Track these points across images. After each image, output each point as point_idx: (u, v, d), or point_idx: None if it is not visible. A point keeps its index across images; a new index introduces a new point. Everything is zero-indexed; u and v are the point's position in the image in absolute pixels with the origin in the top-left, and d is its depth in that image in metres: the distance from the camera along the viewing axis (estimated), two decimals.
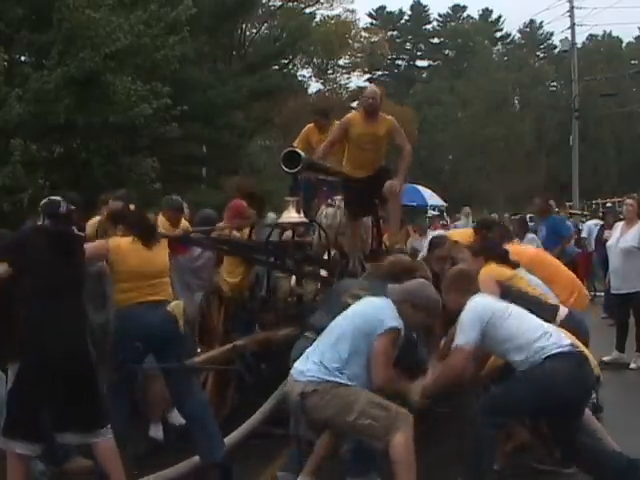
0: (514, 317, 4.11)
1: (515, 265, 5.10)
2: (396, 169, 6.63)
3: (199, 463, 4.49)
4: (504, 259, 5.09)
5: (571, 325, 4.70)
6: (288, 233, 6.34)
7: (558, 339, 4.03)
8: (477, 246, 5.42)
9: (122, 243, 4.67)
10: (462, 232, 7.02)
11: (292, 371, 4.12)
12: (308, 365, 4.03)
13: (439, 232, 9.21)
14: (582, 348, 4.38)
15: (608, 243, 8.25)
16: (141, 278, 4.58)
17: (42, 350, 3.90)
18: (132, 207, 5.71)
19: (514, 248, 5.52)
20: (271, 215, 7.80)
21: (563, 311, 4.90)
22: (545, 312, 4.55)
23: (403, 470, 3.81)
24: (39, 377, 3.92)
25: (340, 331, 4.08)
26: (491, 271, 4.94)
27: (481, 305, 4.16)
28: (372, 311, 4.10)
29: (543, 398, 3.95)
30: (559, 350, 3.95)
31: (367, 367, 4.00)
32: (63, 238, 4.15)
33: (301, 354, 4.21)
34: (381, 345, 3.97)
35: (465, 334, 4.04)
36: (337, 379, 3.95)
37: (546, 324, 4.17)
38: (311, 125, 7.75)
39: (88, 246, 4.44)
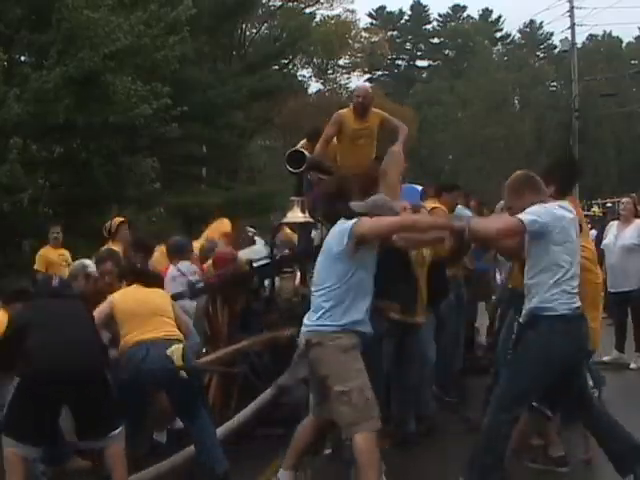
0: (566, 251, 3.98)
1: None
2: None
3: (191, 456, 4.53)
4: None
5: None
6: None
7: (570, 299, 3.97)
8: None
9: (121, 292, 4.80)
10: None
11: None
12: (312, 315, 4.07)
13: None
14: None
15: (605, 242, 8.14)
16: (138, 317, 4.59)
17: (49, 363, 3.92)
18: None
19: None
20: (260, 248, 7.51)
21: None
22: None
23: (364, 467, 3.84)
24: (43, 389, 3.92)
25: (321, 270, 4.11)
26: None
27: (560, 213, 4.02)
28: (332, 235, 4.10)
29: (545, 371, 3.94)
30: (561, 313, 3.91)
31: (362, 277, 4.01)
32: (56, 301, 4.32)
33: None
34: (367, 224, 3.98)
35: (530, 216, 3.92)
36: (341, 327, 3.94)
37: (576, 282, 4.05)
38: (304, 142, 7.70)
39: (95, 312, 4.53)
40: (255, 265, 5.96)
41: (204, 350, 5.26)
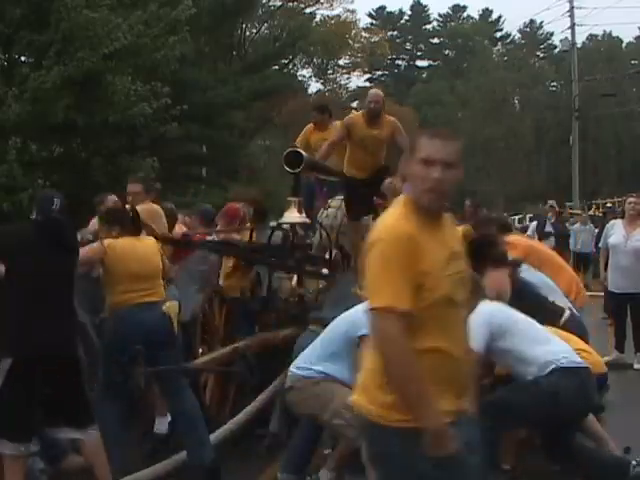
0: (521, 330, 3.99)
1: (516, 264, 4.87)
2: (396, 168, 6.62)
3: (182, 462, 4.47)
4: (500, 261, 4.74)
5: (573, 326, 4.70)
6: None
7: (563, 354, 3.92)
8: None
9: (118, 244, 4.66)
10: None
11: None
12: (298, 362, 4.09)
13: None
14: (586, 349, 4.40)
15: (612, 242, 8.04)
16: (138, 279, 4.57)
17: (31, 346, 3.88)
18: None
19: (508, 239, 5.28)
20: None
21: (566, 314, 4.88)
22: (549, 313, 4.53)
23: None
24: (29, 374, 3.89)
25: (330, 331, 4.08)
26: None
27: (489, 313, 3.97)
28: (358, 315, 3.94)
29: (545, 413, 3.88)
30: (565, 365, 3.86)
31: (352, 368, 3.91)
32: (53, 233, 4.09)
33: (303, 348, 4.20)
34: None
35: (480, 338, 3.81)
36: (317, 376, 3.96)
37: (552, 337, 4.05)
38: (310, 125, 7.75)
39: (84, 249, 4.41)
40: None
41: (200, 351, 5.24)
